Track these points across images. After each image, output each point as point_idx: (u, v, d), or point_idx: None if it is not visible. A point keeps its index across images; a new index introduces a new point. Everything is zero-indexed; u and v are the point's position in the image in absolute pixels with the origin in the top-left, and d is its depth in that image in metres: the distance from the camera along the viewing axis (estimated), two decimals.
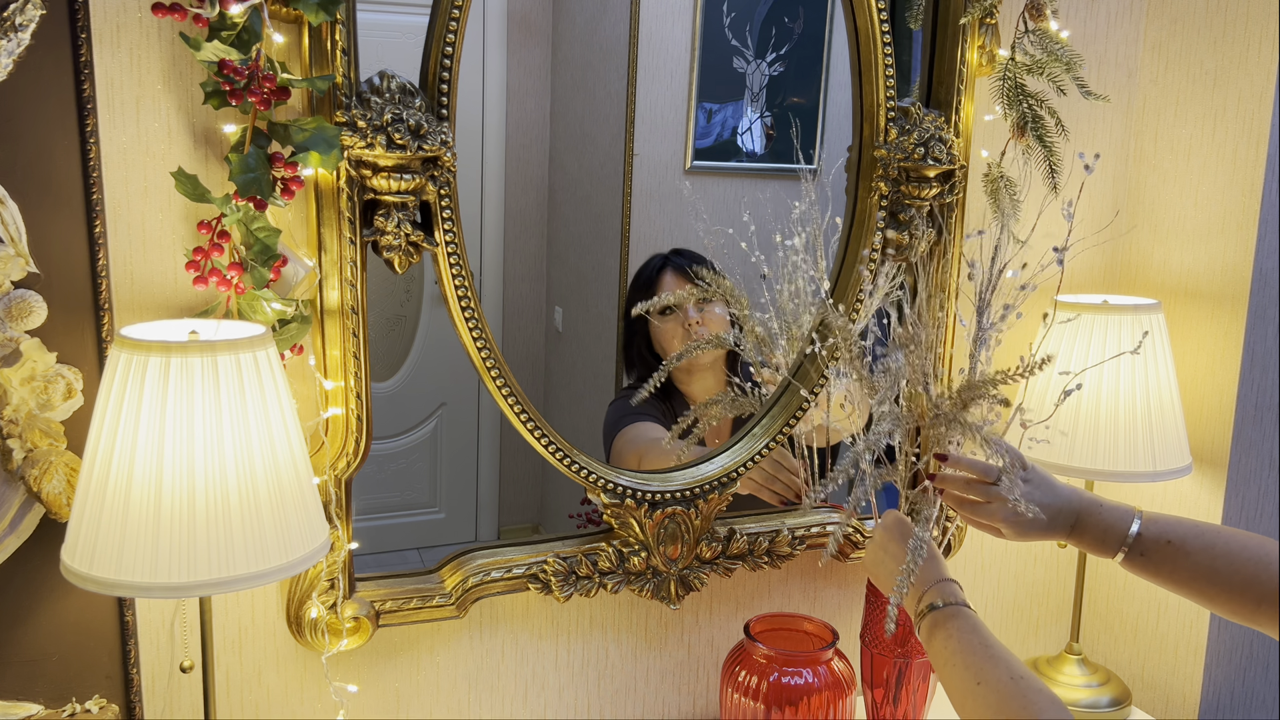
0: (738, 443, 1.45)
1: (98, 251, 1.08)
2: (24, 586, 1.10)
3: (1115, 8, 1.60)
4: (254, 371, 0.98)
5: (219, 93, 1.04)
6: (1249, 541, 1.10)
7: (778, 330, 1.50)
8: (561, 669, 1.44)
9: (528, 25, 1.53)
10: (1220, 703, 1.62)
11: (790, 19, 1.60)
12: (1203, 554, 1.10)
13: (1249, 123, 1.49)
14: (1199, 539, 1.12)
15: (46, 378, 1.07)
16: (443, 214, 1.19)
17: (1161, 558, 1.13)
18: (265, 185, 1.06)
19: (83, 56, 1.04)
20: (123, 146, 1.09)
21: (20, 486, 1.07)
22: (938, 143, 1.40)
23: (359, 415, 1.19)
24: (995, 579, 1.71)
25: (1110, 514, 1.16)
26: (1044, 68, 1.39)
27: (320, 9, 1.05)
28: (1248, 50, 1.49)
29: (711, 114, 1.60)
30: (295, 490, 1.01)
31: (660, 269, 1.53)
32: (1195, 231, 1.57)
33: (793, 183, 1.53)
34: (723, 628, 1.53)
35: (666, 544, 1.39)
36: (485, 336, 1.25)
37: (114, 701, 1.16)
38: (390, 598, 1.27)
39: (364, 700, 1.33)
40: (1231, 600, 1.09)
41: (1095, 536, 1.17)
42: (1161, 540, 1.13)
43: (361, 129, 1.11)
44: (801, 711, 1.27)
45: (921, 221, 1.43)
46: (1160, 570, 1.14)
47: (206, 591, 0.95)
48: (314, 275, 1.15)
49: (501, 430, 1.63)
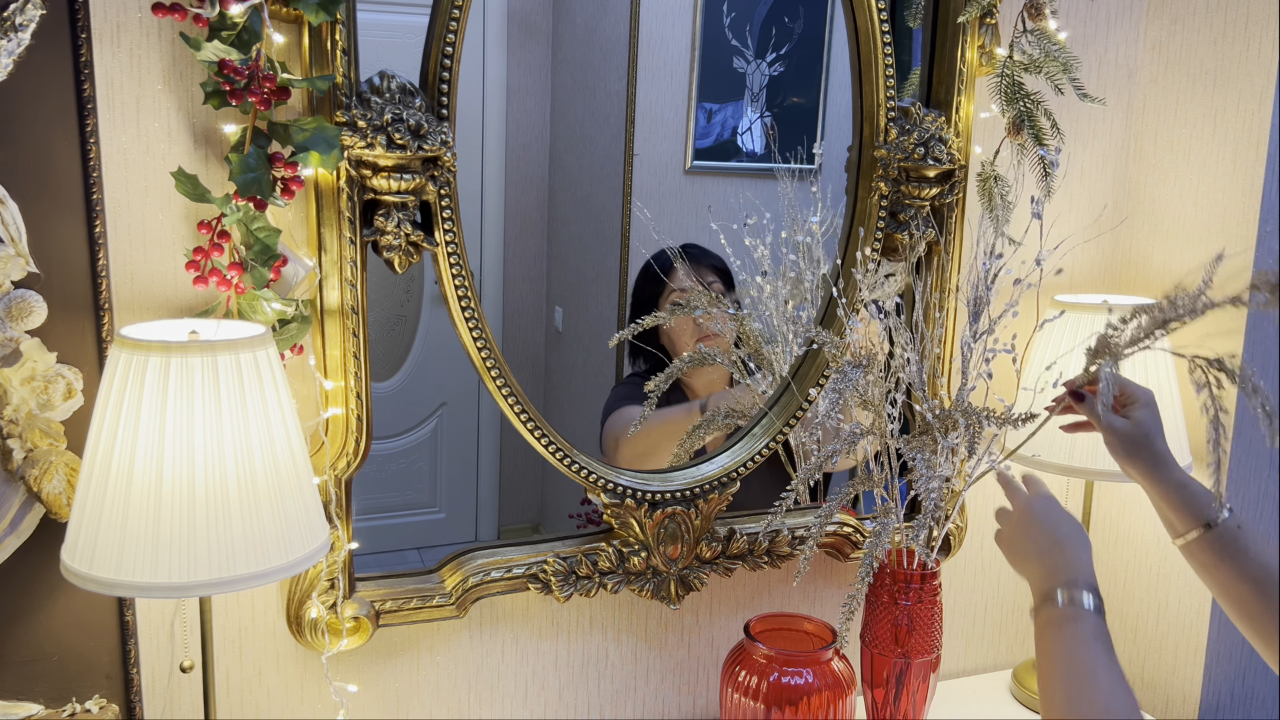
0: (737, 443, 1.45)
1: (98, 251, 1.08)
2: (24, 586, 1.10)
3: (1115, 8, 1.60)
4: (254, 371, 0.98)
5: (219, 93, 1.04)
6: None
7: (776, 326, 1.50)
8: (561, 669, 1.44)
9: (528, 25, 1.53)
10: (1220, 703, 1.62)
11: (790, 19, 1.60)
12: (1267, 566, 1.07)
13: (1249, 123, 1.49)
14: (1269, 555, 1.08)
15: (46, 378, 1.07)
16: (443, 214, 1.19)
17: (1227, 550, 1.09)
18: (265, 185, 1.06)
19: (83, 56, 1.04)
20: (123, 146, 1.09)
21: (20, 486, 1.07)
22: (938, 143, 1.40)
23: (359, 415, 1.19)
24: (995, 579, 1.71)
25: (1200, 497, 1.14)
26: (1041, 67, 1.39)
27: (320, 9, 1.05)
28: (1248, 50, 1.49)
29: (711, 114, 1.60)
30: (295, 490, 1.01)
31: (672, 263, 1.53)
32: (1195, 231, 1.57)
33: (792, 183, 1.53)
34: (723, 628, 1.53)
35: (666, 544, 1.39)
36: (485, 336, 1.25)
37: (114, 701, 1.16)
38: (390, 598, 1.27)
39: (364, 700, 1.33)
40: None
41: (1181, 497, 1.14)
42: (1233, 531, 1.09)
43: (361, 129, 1.11)
44: (801, 711, 1.27)
45: (921, 221, 1.43)
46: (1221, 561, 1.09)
47: (206, 591, 0.95)
48: (314, 275, 1.15)
49: (501, 430, 1.63)
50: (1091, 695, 0.95)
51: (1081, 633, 1.00)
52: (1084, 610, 1.02)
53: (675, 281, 1.51)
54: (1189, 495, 1.13)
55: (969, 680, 1.69)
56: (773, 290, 1.52)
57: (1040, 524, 1.13)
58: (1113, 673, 0.97)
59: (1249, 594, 1.07)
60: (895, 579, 1.34)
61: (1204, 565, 1.12)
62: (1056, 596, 1.03)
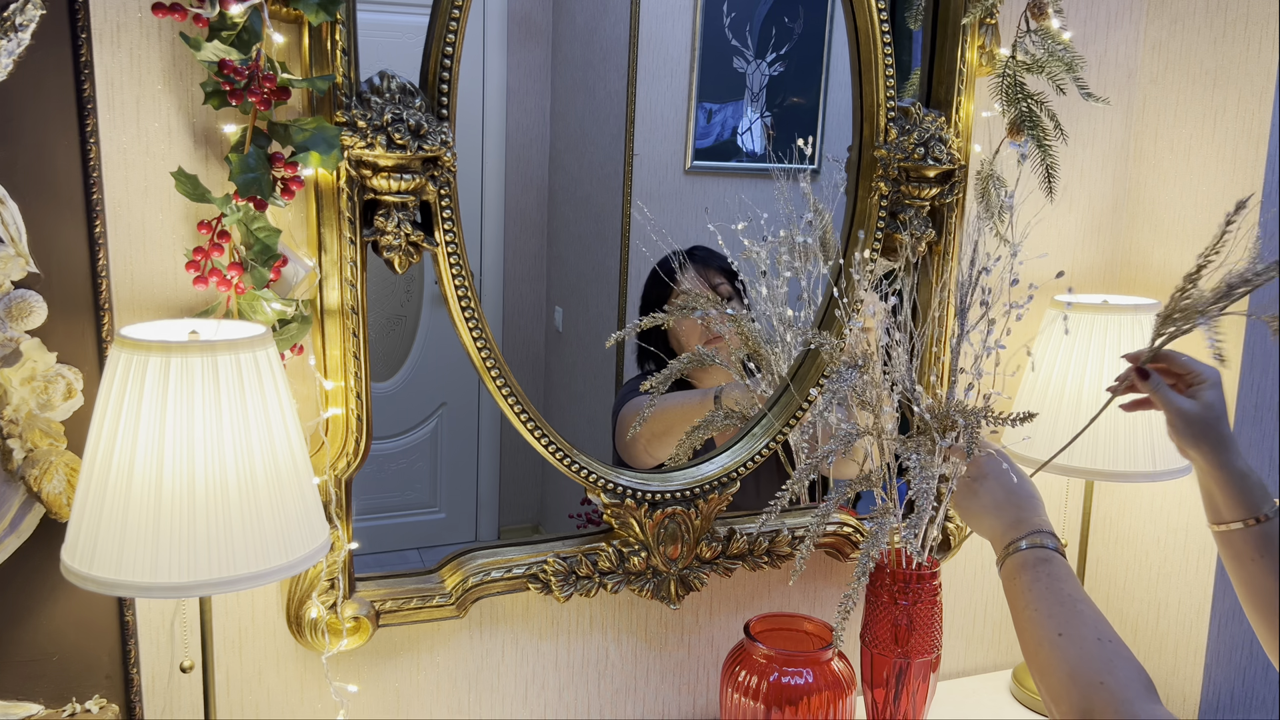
0: (737, 442, 1.45)
1: (98, 251, 1.08)
2: (24, 586, 1.10)
3: (1115, 8, 1.60)
4: (254, 371, 0.98)
5: (219, 93, 1.04)
6: None
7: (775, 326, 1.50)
8: (561, 669, 1.44)
9: (528, 25, 1.53)
10: (1220, 703, 1.62)
11: (790, 19, 1.60)
12: None
13: (1249, 123, 1.49)
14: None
15: (46, 378, 1.07)
16: (443, 214, 1.19)
17: (1269, 545, 1.08)
18: (265, 185, 1.06)
19: (83, 56, 1.04)
20: (123, 146, 1.09)
21: (20, 486, 1.07)
22: (938, 143, 1.40)
23: (359, 415, 1.19)
24: (995, 578, 1.71)
25: (1257, 490, 1.12)
26: (1044, 66, 1.39)
27: (320, 9, 1.05)
28: (1248, 50, 1.49)
29: (711, 114, 1.60)
30: (295, 490, 1.01)
31: (680, 266, 1.53)
32: (1195, 231, 1.57)
33: (792, 183, 1.53)
34: (723, 628, 1.53)
35: (666, 544, 1.39)
36: (485, 336, 1.25)
37: (114, 701, 1.16)
38: (390, 598, 1.27)
39: (364, 700, 1.33)
40: None
41: (1239, 486, 1.11)
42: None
43: (361, 129, 1.11)
44: (801, 711, 1.27)
45: (921, 221, 1.43)
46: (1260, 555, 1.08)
47: (206, 591, 0.95)
48: (314, 275, 1.15)
49: (501, 430, 1.63)
50: (1081, 621, 0.97)
51: (1057, 570, 1.02)
52: (1053, 553, 1.04)
53: (682, 285, 1.51)
54: (1248, 485, 1.11)
55: (969, 680, 1.69)
56: (771, 291, 1.52)
57: (993, 480, 1.14)
58: (1093, 603, 0.99)
59: (1277, 592, 1.07)
60: (895, 579, 1.34)
61: (1239, 556, 1.10)
62: (1022, 544, 1.05)
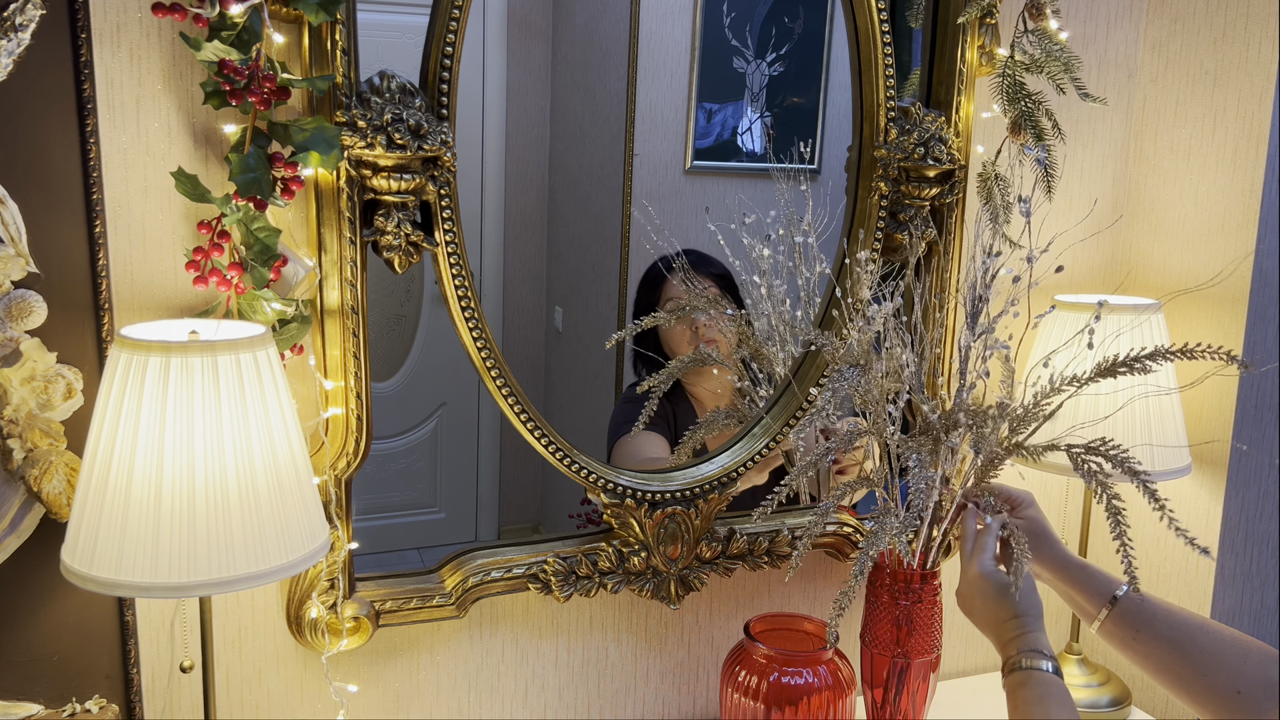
0: (737, 443, 1.45)
1: (98, 251, 1.08)
2: (24, 586, 1.10)
3: (1115, 8, 1.60)
4: (254, 371, 0.98)
5: (219, 93, 1.04)
6: (1226, 632, 1.15)
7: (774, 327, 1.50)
8: (561, 669, 1.44)
9: (528, 25, 1.53)
10: None
11: (790, 19, 1.60)
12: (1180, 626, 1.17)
13: (1249, 123, 1.49)
14: (1179, 614, 1.19)
15: (46, 378, 1.07)
16: (443, 214, 1.19)
17: (1141, 618, 1.19)
18: (265, 185, 1.06)
19: (83, 56, 1.04)
20: (123, 146, 1.09)
21: (20, 486, 1.07)
22: (938, 142, 1.40)
23: (359, 415, 1.19)
24: None
25: (1102, 575, 1.25)
26: (1043, 67, 1.39)
27: (320, 9, 1.05)
28: (1248, 50, 1.49)
29: (711, 114, 1.60)
30: (295, 490, 1.01)
31: (669, 269, 1.53)
32: (1195, 231, 1.57)
33: (792, 183, 1.53)
34: (723, 628, 1.53)
35: (666, 544, 1.39)
36: (485, 336, 1.25)
37: (114, 701, 1.16)
38: (390, 598, 1.27)
39: (364, 700, 1.33)
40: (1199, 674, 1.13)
41: (1087, 576, 1.26)
42: (1139, 600, 1.20)
43: (361, 129, 1.11)
44: (801, 711, 1.28)
45: (921, 221, 1.43)
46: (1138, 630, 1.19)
47: (206, 591, 0.95)
48: (314, 275, 1.15)
49: (501, 430, 1.63)
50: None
51: (1056, 693, 1.10)
52: (1048, 674, 1.12)
53: (671, 289, 1.51)
54: (1090, 575, 1.26)
55: (969, 680, 1.69)
56: (770, 291, 1.52)
57: (992, 598, 1.22)
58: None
59: (1169, 656, 1.16)
60: (895, 579, 1.34)
61: (1123, 640, 1.20)
62: (1021, 663, 1.14)
